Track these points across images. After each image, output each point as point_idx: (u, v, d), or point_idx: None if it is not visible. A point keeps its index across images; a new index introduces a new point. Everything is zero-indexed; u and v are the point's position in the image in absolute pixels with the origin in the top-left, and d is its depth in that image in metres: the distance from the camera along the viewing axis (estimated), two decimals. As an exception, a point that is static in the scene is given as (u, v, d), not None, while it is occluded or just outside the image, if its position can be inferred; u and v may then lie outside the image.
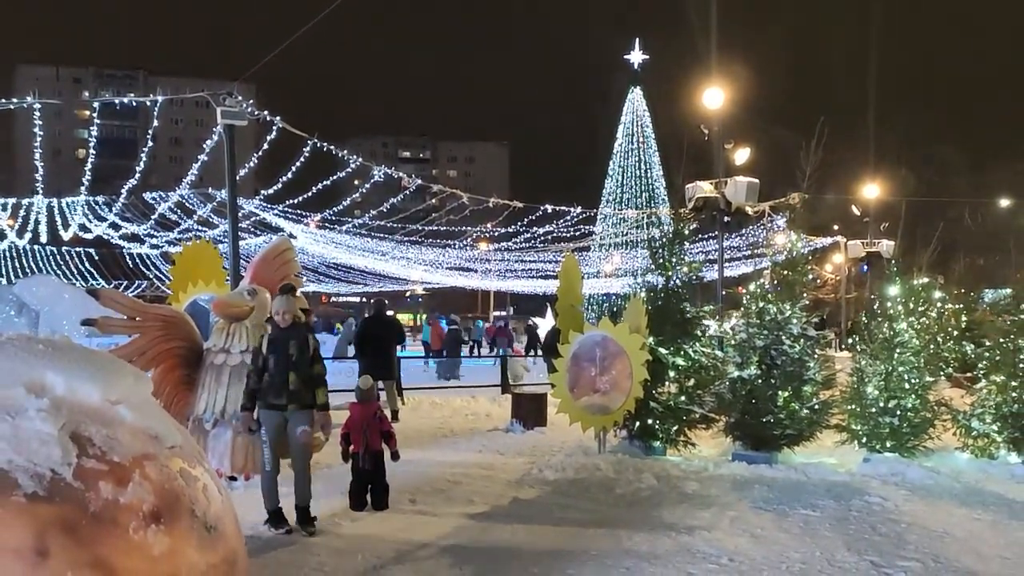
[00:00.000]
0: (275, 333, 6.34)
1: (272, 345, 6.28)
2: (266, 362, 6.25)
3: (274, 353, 6.25)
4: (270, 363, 6.23)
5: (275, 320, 6.35)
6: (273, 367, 6.22)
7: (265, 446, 6.29)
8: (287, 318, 6.29)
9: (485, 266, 42.76)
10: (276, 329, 6.34)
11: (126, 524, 2.56)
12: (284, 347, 6.23)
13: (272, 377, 6.22)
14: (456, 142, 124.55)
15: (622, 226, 33.02)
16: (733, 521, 6.73)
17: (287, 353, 6.22)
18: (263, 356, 6.28)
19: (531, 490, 7.91)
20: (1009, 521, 6.81)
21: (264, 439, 6.29)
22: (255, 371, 6.34)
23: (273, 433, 6.28)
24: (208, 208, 27.06)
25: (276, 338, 6.30)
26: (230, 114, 10.96)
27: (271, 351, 6.26)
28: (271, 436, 6.28)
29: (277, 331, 6.33)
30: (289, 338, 6.27)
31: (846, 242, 31.98)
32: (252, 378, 6.36)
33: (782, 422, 9.31)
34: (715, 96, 17.16)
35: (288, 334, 6.29)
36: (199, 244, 10.33)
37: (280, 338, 6.28)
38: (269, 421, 6.28)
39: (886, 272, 13.55)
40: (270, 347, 6.28)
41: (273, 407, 6.25)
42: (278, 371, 6.20)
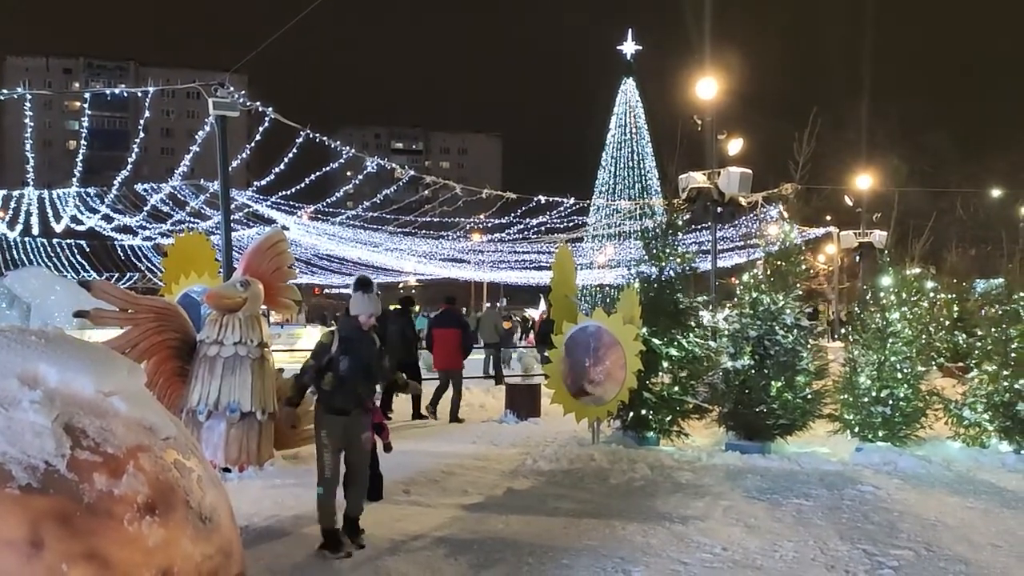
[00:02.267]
0: (353, 334, 5.71)
1: (346, 345, 5.63)
2: (335, 363, 5.60)
3: (349, 355, 5.60)
4: (342, 365, 5.59)
5: (359, 321, 5.71)
6: (347, 371, 5.59)
7: (327, 452, 5.61)
8: (372, 321, 5.77)
9: (478, 257, 42.71)
10: (354, 330, 5.72)
11: (120, 515, 2.55)
12: (360, 350, 5.67)
13: (344, 382, 5.62)
14: (449, 133, 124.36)
15: (615, 217, 33.01)
16: (726, 511, 6.76)
17: (364, 357, 5.69)
18: (331, 356, 5.62)
19: (525, 481, 7.92)
20: (1001, 510, 6.86)
21: (326, 444, 5.61)
22: (314, 368, 5.67)
23: (339, 440, 5.66)
24: (200, 199, 26.95)
25: (353, 339, 5.69)
26: (222, 105, 10.91)
27: (344, 352, 5.61)
28: (336, 443, 5.65)
29: (356, 332, 5.71)
30: (367, 341, 5.75)
31: (839, 232, 32.04)
32: (308, 374, 5.71)
33: (775, 412, 9.34)
34: (708, 86, 17.15)
35: (368, 337, 5.76)
36: (191, 236, 10.30)
37: (358, 340, 5.69)
38: (335, 427, 5.62)
39: (879, 262, 13.58)
40: (343, 347, 5.62)
41: (340, 412, 5.64)
42: (351, 375, 5.61)
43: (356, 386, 5.68)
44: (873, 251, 24.81)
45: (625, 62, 34.69)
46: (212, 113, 11.13)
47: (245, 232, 30.39)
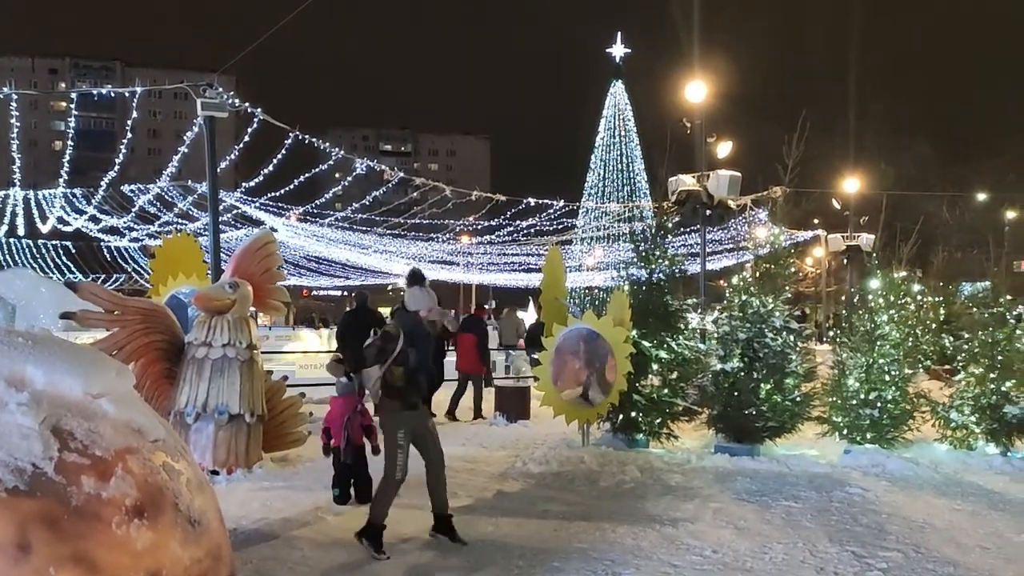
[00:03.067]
0: (416, 329, 5.66)
1: (411, 338, 5.57)
2: (404, 357, 5.53)
3: (415, 348, 5.57)
4: (411, 358, 5.55)
5: (421, 314, 5.70)
6: (415, 364, 5.58)
7: (401, 452, 5.51)
8: (431, 315, 5.76)
9: (467, 259, 42.70)
10: (416, 325, 5.68)
11: (109, 518, 2.52)
12: (423, 343, 5.67)
13: (414, 376, 5.59)
14: (438, 135, 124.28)
15: (604, 219, 33.09)
16: (716, 513, 6.77)
17: (426, 350, 5.69)
18: (400, 350, 5.53)
19: (515, 483, 7.91)
20: (988, 512, 6.89)
21: (401, 443, 5.51)
22: (376, 347, 5.54)
23: (412, 435, 5.60)
24: (188, 201, 26.80)
25: (416, 334, 5.63)
26: (210, 106, 10.84)
27: (411, 344, 5.56)
28: (410, 439, 5.57)
29: (418, 327, 5.68)
30: (427, 335, 5.74)
31: (826, 236, 32.19)
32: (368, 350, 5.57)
33: (764, 414, 9.37)
34: (697, 90, 17.19)
35: (424, 331, 5.72)
36: (179, 237, 10.24)
37: (421, 335, 5.66)
38: (409, 423, 5.58)
39: (866, 265, 13.65)
40: (409, 339, 5.56)
41: (414, 407, 5.65)
42: (418, 367, 5.61)
43: (423, 380, 5.70)
44: (861, 254, 24.91)
45: (614, 65, 34.85)
46: (200, 114, 11.07)
47: (233, 234, 30.26)
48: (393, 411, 5.59)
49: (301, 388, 10.72)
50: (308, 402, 9.18)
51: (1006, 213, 38.98)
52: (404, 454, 5.51)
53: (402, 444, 5.50)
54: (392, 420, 5.58)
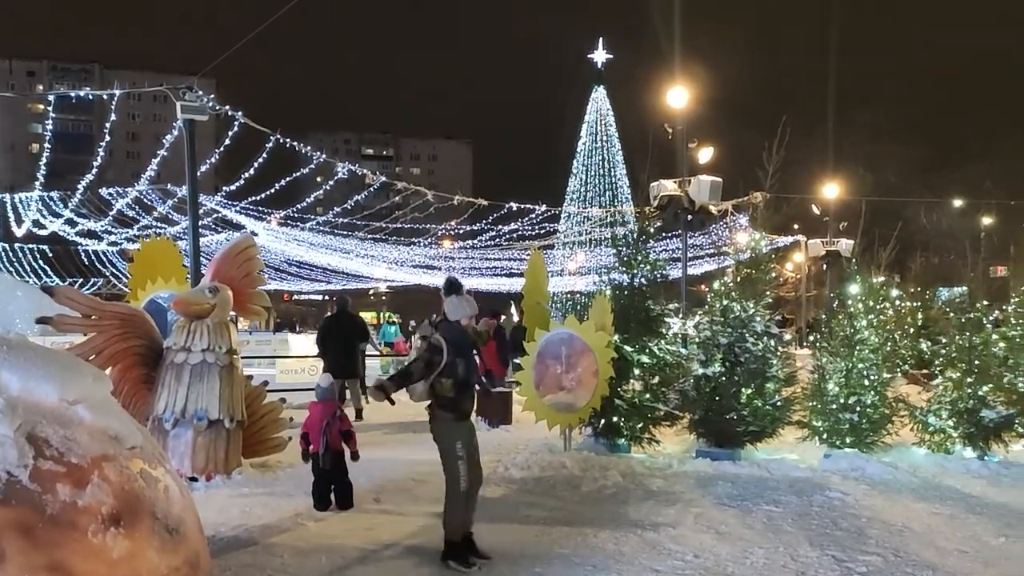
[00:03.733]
0: (460, 338, 5.60)
1: (458, 349, 5.51)
2: (453, 368, 5.46)
3: (462, 358, 5.52)
4: (459, 369, 5.48)
5: (462, 323, 5.64)
6: (464, 373, 5.52)
7: (462, 462, 5.46)
8: (472, 322, 5.74)
9: (449, 264, 42.62)
10: (459, 334, 5.62)
11: (85, 527, 2.49)
12: (468, 352, 5.62)
13: (465, 385, 5.54)
14: (419, 139, 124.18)
15: (586, 224, 33.16)
16: (697, 518, 6.78)
17: (471, 359, 5.63)
18: (447, 362, 5.44)
19: (497, 488, 7.88)
20: (966, 515, 6.95)
21: (460, 454, 5.47)
22: (426, 362, 5.45)
23: (469, 445, 5.57)
24: (168, 204, 26.56)
25: (461, 343, 5.58)
26: (190, 109, 10.76)
27: (458, 354, 5.49)
28: (469, 451, 5.55)
29: (462, 336, 5.63)
30: (468, 343, 5.69)
31: (806, 241, 32.45)
32: (414, 365, 5.52)
33: (745, 419, 9.41)
34: (679, 95, 17.30)
35: (467, 339, 5.68)
36: (158, 241, 10.15)
37: (463, 343, 5.60)
38: (465, 433, 5.55)
39: (845, 270, 13.75)
40: (456, 349, 5.49)
41: (466, 417, 5.61)
42: (467, 377, 5.55)
43: (473, 389, 5.66)
44: (840, 259, 25.16)
45: (596, 70, 34.94)
46: (180, 117, 10.98)
47: (213, 237, 30.03)
48: (447, 422, 5.51)
49: (281, 393, 10.65)
50: (289, 407, 9.11)
51: (982, 219, 39.48)
52: (465, 464, 5.48)
53: (461, 455, 5.47)
54: (448, 431, 5.51)
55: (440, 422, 5.54)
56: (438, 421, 5.54)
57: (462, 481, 5.45)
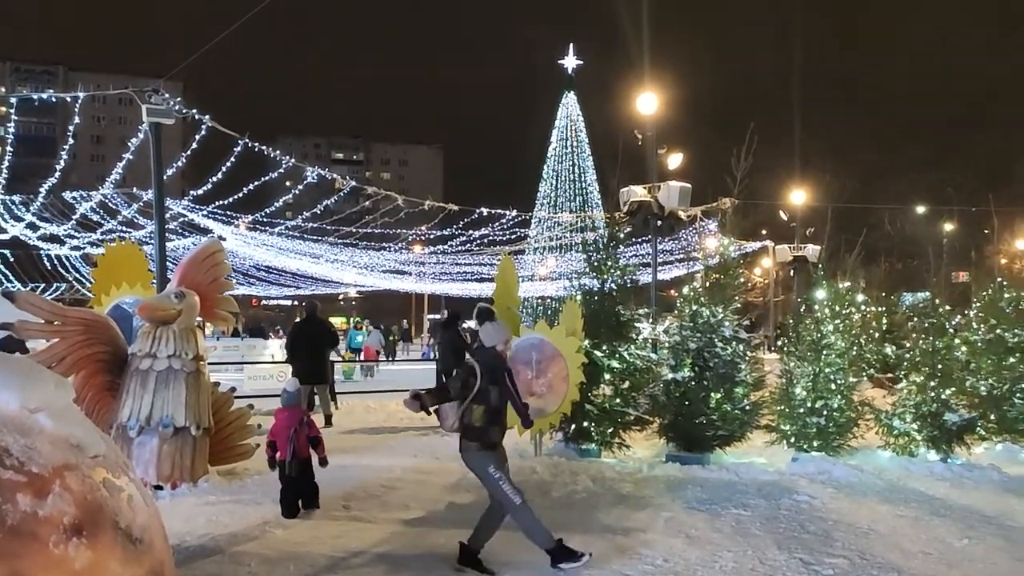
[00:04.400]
0: (495, 364, 5.58)
1: (493, 375, 5.49)
2: (486, 395, 5.45)
3: (495, 385, 5.49)
4: (492, 396, 5.46)
5: (498, 349, 5.62)
6: (497, 401, 5.50)
7: (503, 481, 5.42)
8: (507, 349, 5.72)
9: (420, 269, 42.52)
10: (494, 359, 5.60)
11: (46, 538, 2.44)
12: (503, 380, 5.56)
13: (497, 414, 5.53)
14: (390, 144, 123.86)
15: (557, 229, 33.27)
16: (667, 522, 6.81)
17: (504, 387, 5.57)
18: (482, 387, 5.44)
19: (467, 495, 7.86)
20: (930, 518, 7.05)
21: (498, 476, 5.43)
22: (460, 381, 5.47)
23: (502, 467, 5.53)
24: (133, 208, 26.15)
25: (495, 368, 5.54)
26: (156, 112, 10.61)
27: (493, 381, 5.47)
28: (503, 471, 5.50)
29: (497, 362, 5.60)
30: (505, 370, 5.64)
31: (774, 246, 32.80)
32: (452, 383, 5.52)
33: (714, 423, 9.48)
34: (648, 102, 17.42)
35: (503, 366, 5.64)
36: (123, 245, 9.99)
37: (498, 369, 5.57)
38: (495, 459, 5.50)
39: (812, 276, 13.92)
40: (491, 376, 5.47)
41: (492, 446, 5.54)
42: (500, 405, 5.53)
43: (504, 418, 5.60)
44: (807, 265, 25.43)
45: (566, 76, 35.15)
46: (145, 120, 10.83)
47: (180, 242, 29.65)
48: (473, 451, 5.50)
49: (249, 399, 10.55)
50: (257, 414, 9.01)
51: (944, 225, 40.21)
52: (507, 480, 5.43)
53: (499, 476, 5.42)
54: (478, 459, 5.50)
55: (467, 452, 5.54)
56: (465, 450, 5.55)
57: (514, 497, 5.39)
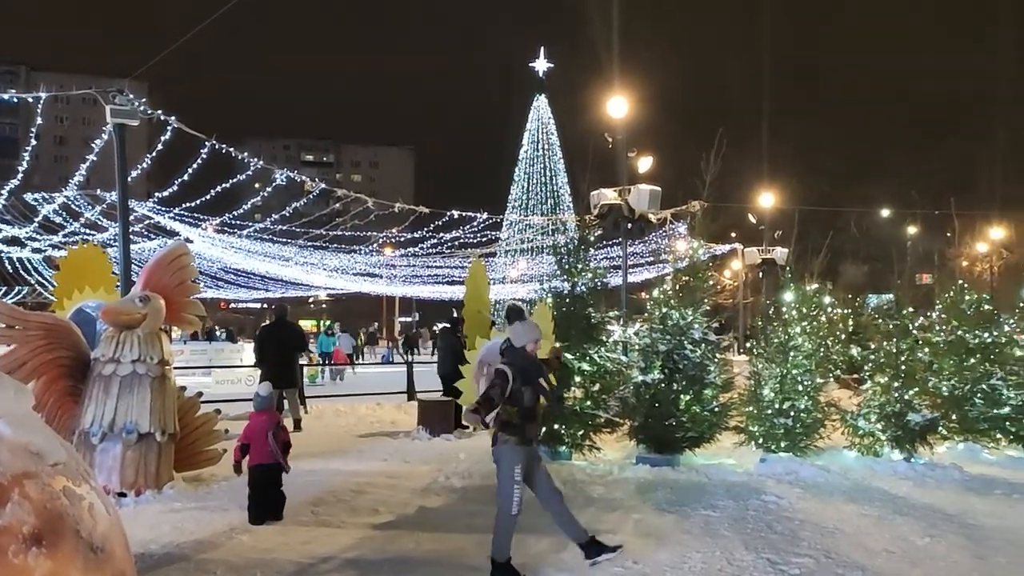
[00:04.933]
0: (527, 364, 5.62)
1: (525, 375, 5.52)
2: (518, 396, 5.47)
3: (529, 385, 5.52)
4: (526, 397, 5.49)
5: (528, 349, 5.65)
6: (531, 402, 5.52)
7: (518, 488, 5.45)
8: (540, 346, 5.75)
9: (391, 272, 42.35)
10: (526, 360, 5.64)
11: (5, 547, 2.39)
12: (535, 379, 5.59)
13: (530, 413, 5.54)
14: (360, 146, 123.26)
15: (528, 232, 33.32)
16: (637, 524, 6.84)
17: (540, 386, 5.60)
18: (514, 385, 5.45)
19: (437, 498, 7.84)
20: (893, 516, 7.16)
21: (517, 478, 5.45)
22: (499, 387, 5.46)
23: (528, 471, 5.56)
24: (97, 210, 25.72)
25: (529, 370, 5.59)
26: (120, 112, 10.44)
27: (525, 382, 5.50)
28: (526, 476, 5.53)
29: (529, 362, 5.64)
30: (537, 369, 5.67)
31: (743, 249, 33.14)
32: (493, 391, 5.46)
33: (684, 425, 9.53)
34: (619, 105, 17.51)
35: (535, 365, 5.68)
36: (86, 248, 9.84)
37: (531, 369, 5.60)
38: (525, 458, 5.53)
39: (780, 278, 14.07)
40: (523, 377, 5.50)
41: (528, 443, 5.56)
42: (533, 405, 5.54)
43: (539, 417, 5.63)
44: (776, 267, 25.72)
45: (537, 79, 35.25)
46: (110, 121, 10.66)
47: (146, 244, 29.23)
48: (509, 445, 5.49)
49: (217, 404, 10.42)
50: (224, 419, 8.91)
51: (908, 229, 40.92)
52: (521, 489, 5.46)
53: (518, 479, 5.45)
54: (509, 455, 5.48)
55: (502, 444, 5.51)
56: (500, 444, 5.52)
57: (514, 507, 5.42)
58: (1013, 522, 7.06)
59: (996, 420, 10.74)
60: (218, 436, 8.45)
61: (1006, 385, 10.84)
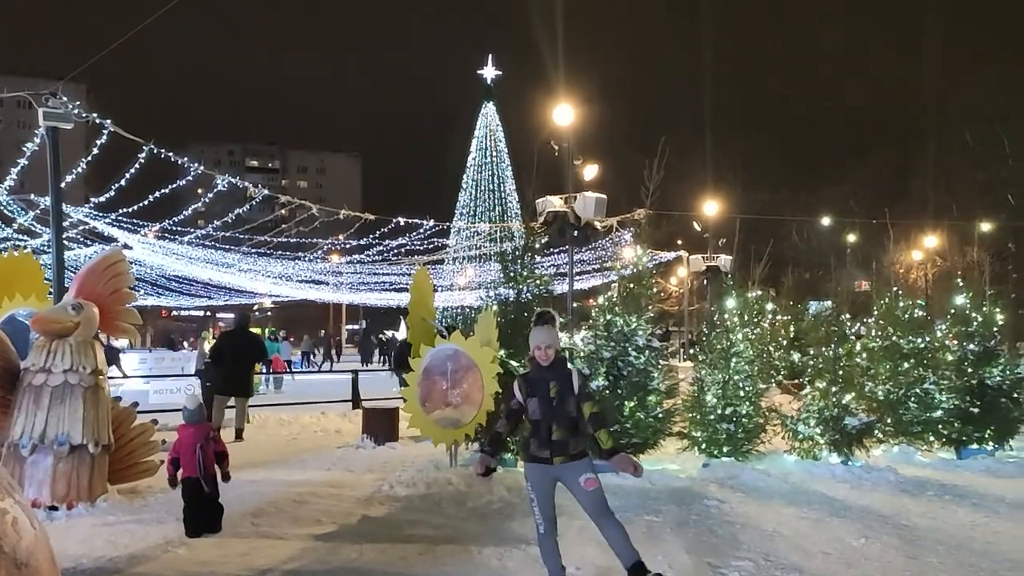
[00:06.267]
0: (535, 372, 5.21)
1: (531, 387, 5.13)
2: (524, 408, 5.15)
3: (534, 396, 5.11)
4: (530, 408, 5.11)
5: (536, 356, 5.20)
6: (535, 413, 5.11)
7: (533, 505, 5.17)
8: (550, 353, 5.16)
9: (337, 279, 41.91)
10: (536, 368, 5.21)
11: (-83, 566, 2.29)
12: (545, 389, 5.12)
13: (536, 426, 5.13)
14: (307, 152, 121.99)
15: (475, 239, 33.28)
16: (580, 530, 6.83)
17: (549, 397, 5.10)
18: (518, 400, 5.17)
19: (381, 507, 7.76)
20: (831, 519, 7.31)
21: (531, 496, 5.18)
22: (505, 413, 5.27)
23: (541, 489, 5.15)
24: (30, 216, 24.96)
25: (536, 378, 5.17)
26: (53, 116, 10.14)
27: (530, 394, 5.12)
28: (538, 493, 5.16)
29: (537, 370, 5.20)
30: (551, 379, 5.13)
31: (688, 256, 33.61)
32: (500, 421, 5.32)
33: (628, 431, 9.59)
34: (564, 113, 17.65)
35: (550, 374, 5.16)
36: (17, 255, 9.53)
37: (541, 378, 5.15)
38: (534, 476, 5.18)
39: (724, 285, 14.29)
40: (528, 388, 5.14)
41: (536, 459, 5.15)
42: (542, 419, 5.10)
43: (548, 430, 5.08)
44: (720, 274, 26.13)
45: (485, 86, 35.26)
46: (42, 124, 10.35)
47: (83, 251, 28.44)
48: (524, 462, 5.29)
49: (153, 414, 10.18)
50: (162, 429, 8.70)
51: (847, 237, 41.94)
52: (538, 508, 5.13)
53: (532, 497, 5.16)
54: (526, 472, 5.28)
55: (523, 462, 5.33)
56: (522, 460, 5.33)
57: (538, 525, 5.16)
58: (944, 523, 7.27)
59: (929, 423, 11.04)
60: (155, 447, 8.23)
61: (938, 389, 11.15)
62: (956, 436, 11.04)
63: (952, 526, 7.16)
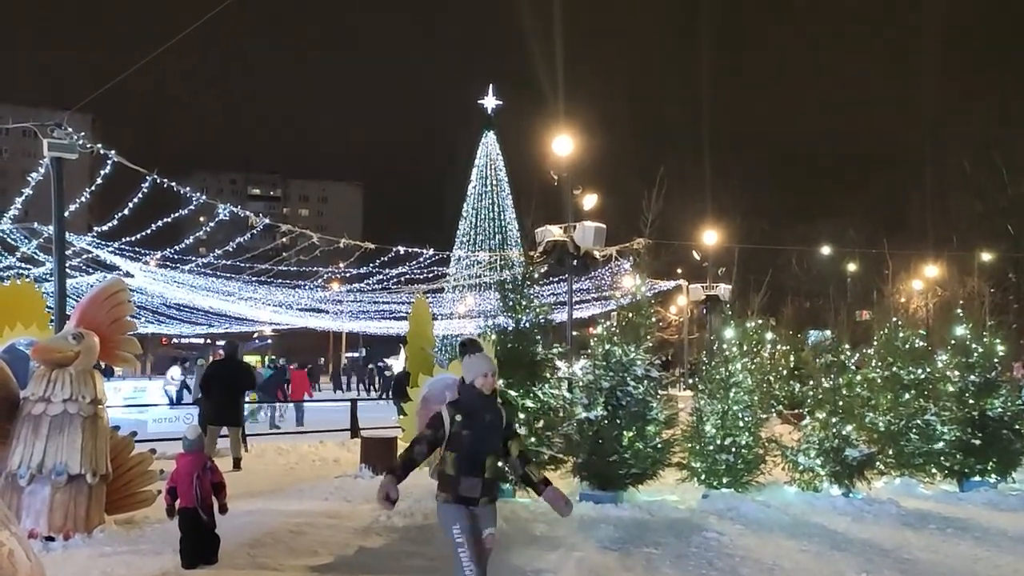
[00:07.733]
0: (474, 401, 4.79)
1: (468, 418, 4.70)
2: (457, 440, 4.68)
3: (470, 429, 4.67)
4: (465, 441, 4.66)
5: (476, 385, 4.80)
6: (469, 446, 4.66)
7: (462, 550, 4.56)
8: (494, 381, 4.85)
9: (337, 307, 41.96)
10: (475, 396, 4.80)
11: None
12: (483, 420, 4.72)
13: (466, 460, 4.67)
14: (309, 180, 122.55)
15: (475, 268, 33.35)
16: (579, 562, 6.82)
17: (486, 429, 4.72)
18: (447, 429, 4.69)
19: (378, 538, 7.72)
20: (831, 552, 7.26)
21: (458, 539, 4.59)
22: (426, 441, 4.71)
23: (470, 531, 4.63)
24: (33, 244, 25.05)
25: (474, 408, 4.76)
26: (58, 146, 10.24)
27: (465, 425, 4.67)
28: (467, 536, 4.61)
29: (477, 399, 4.79)
30: (487, 409, 4.79)
31: (688, 285, 33.65)
32: (419, 447, 4.71)
33: (627, 461, 9.55)
34: (564, 144, 17.78)
35: (488, 403, 4.81)
36: (18, 283, 9.56)
37: (479, 408, 4.76)
38: (462, 518, 4.64)
39: (723, 315, 14.31)
40: (465, 420, 4.69)
41: (464, 500, 4.66)
42: (475, 452, 4.67)
43: (481, 466, 4.69)
44: (720, 303, 26.18)
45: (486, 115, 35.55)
46: (47, 154, 10.45)
47: (85, 279, 28.50)
48: (442, 503, 4.74)
49: (152, 444, 10.16)
50: (160, 458, 8.67)
51: (847, 266, 42.04)
52: (467, 552, 4.56)
53: (460, 540, 4.58)
54: (444, 513, 4.73)
55: (438, 501, 4.80)
56: (437, 500, 4.80)
57: (465, 570, 4.54)
58: (946, 556, 7.23)
59: (930, 455, 10.99)
60: (152, 477, 8.20)
61: (940, 420, 11.11)
62: (958, 468, 10.98)
63: (954, 560, 7.11)
